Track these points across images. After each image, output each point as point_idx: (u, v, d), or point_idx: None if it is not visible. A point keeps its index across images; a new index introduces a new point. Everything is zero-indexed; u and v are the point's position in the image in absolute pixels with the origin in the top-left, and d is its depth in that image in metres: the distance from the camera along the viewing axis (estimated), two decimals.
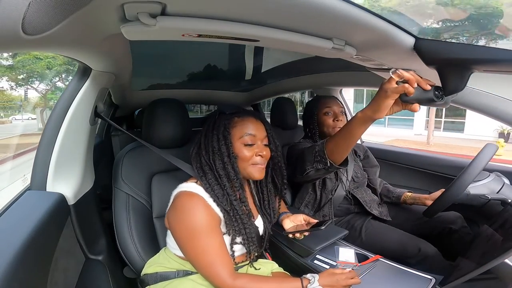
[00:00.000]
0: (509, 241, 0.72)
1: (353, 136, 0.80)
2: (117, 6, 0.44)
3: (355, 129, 0.78)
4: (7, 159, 4.26)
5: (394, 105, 0.70)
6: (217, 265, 0.70)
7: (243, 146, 0.78)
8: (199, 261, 0.71)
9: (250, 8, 0.48)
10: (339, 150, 0.87)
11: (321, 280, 0.73)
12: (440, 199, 0.97)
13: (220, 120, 0.79)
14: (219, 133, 0.77)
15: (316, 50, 0.70)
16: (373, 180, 1.36)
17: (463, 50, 0.63)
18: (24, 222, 0.57)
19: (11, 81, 6.26)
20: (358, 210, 1.25)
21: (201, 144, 0.80)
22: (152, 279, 0.80)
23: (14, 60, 5.98)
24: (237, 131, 0.78)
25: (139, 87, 1.69)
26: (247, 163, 0.78)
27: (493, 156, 0.90)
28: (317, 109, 1.28)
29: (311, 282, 0.72)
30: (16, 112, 9.14)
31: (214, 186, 0.75)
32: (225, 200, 0.75)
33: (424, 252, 0.99)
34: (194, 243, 0.70)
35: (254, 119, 0.81)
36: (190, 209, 0.71)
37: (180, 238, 0.73)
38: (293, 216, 0.96)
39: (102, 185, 1.09)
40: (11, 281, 0.45)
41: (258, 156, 0.79)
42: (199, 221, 0.70)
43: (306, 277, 0.74)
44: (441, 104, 0.68)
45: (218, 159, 0.76)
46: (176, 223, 0.73)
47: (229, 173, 0.76)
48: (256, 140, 0.79)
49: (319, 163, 0.94)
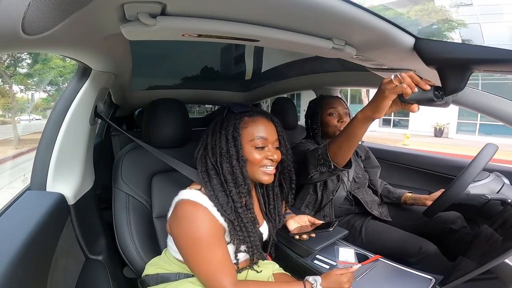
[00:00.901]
0: (509, 241, 0.72)
1: (355, 136, 0.80)
2: (117, 6, 0.44)
3: (356, 129, 0.78)
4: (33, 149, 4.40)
5: (393, 105, 0.70)
6: (220, 276, 0.67)
7: (254, 149, 0.73)
8: (202, 272, 0.68)
9: (250, 8, 0.48)
10: (342, 152, 0.87)
11: (323, 282, 0.72)
12: (440, 199, 0.97)
13: (229, 120, 0.74)
14: (228, 133, 0.72)
15: (316, 50, 0.70)
16: (374, 181, 1.36)
17: (463, 50, 0.64)
18: (24, 222, 0.57)
19: (23, 85, 6.93)
20: (358, 210, 1.25)
21: (208, 145, 0.75)
22: (152, 280, 0.80)
23: (31, 69, 6.58)
24: (248, 132, 0.73)
25: (139, 87, 1.69)
26: (257, 166, 0.74)
27: (493, 156, 0.90)
28: (321, 109, 1.27)
29: (314, 285, 0.71)
30: (18, 113, 9.48)
31: (219, 193, 0.70)
32: (230, 208, 0.70)
33: (425, 251, 0.99)
34: (197, 254, 0.67)
35: (266, 119, 0.76)
36: (194, 220, 0.67)
37: (183, 248, 0.70)
38: (297, 217, 0.94)
39: (102, 185, 1.09)
40: (11, 281, 0.45)
41: (269, 159, 0.74)
42: (203, 232, 0.67)
43: (308, 281, 0.73)
44: (441, 104, 0.68)
45: (225, 162, 0.71)
46: (179, 233, 0.69)
47: (237, 177, 0.71)
48: (268, 143, 0.74)
49: (323, 166, 0.94)
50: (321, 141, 1.27)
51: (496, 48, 0.59)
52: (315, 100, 1.36)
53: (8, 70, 6.41)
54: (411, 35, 0.66)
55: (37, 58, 6.21)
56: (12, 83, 6.68)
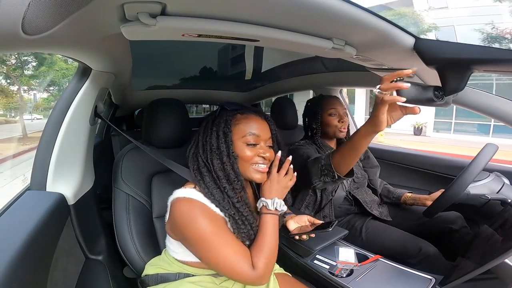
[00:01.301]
0: (509, 241, 0.72)
1: (358, 148, 0.82)
2: (117, 6, 0.44)
3: (360, 142, 0.80)
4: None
5: (394, 113, 0.70)
6: (238, 262, 0.66)
7: (245, 145, 0.72)
8: (220, 265, 0.67)
9: (250, 8, 0.48)
10: (345, 162, 0.89)
11: (265, 193, 0.75)
12: (440, 199, 0.97)
13: (221, 117, 0.74)
14: (219, 130, 0.72)
15: (316, 50, 0.70)
16: (373, 180, 1.36)
17: (463, 50, 0.63)
18: (24, 222, 0.57)
19: (26, 86, 7.51)
20: (358, 210, 1.25)
21: (199, 143, 0.75)
22: (152, 280, 0.80)
23: (36, 71, 7.12)
24: (239, 129, 0.73)
25: (139, 87, 1.69)
26: (248, 164, 0.73)
27: (493, 156, 0.90)
28: (322, 109, 1.26)
29: (266, 205, 0.74)
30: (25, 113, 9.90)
31: (213, 190, 0.70)
32: (227, 203, 0.70)
33: (424, 251, 0.99)
34: (208, 250, 0.66)
35: (259, 117, 0.75)
36: (193, 218, 0.67)
37: (192, 248, 0.69)
38: (297, 217, 0.94)
39: (102, 185, 1.09)
40: (11, 281, 0.45)
41: (261, 157, 0.74)
42: (206, 227, 0.66)
43: (262, 204, 0.76)
44: (441, 104, 0.68)
45: (216, 158, 0.71)
46: (183, 234, 0.68)
47: (229, 174, 0.71)
48: (260, 141, 0.74)
49: (327, 176, 0.95)
50: (320, 141, 1.27)
51: (496, 48, 0.59)
52: (315, 99, 1.35)
53: (14, 72, 6.71)
54: (411, 35, 0.66)
55: (43, 62, 6.46)
56: (20, 85, 7.06)
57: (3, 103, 7.34)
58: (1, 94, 7.07)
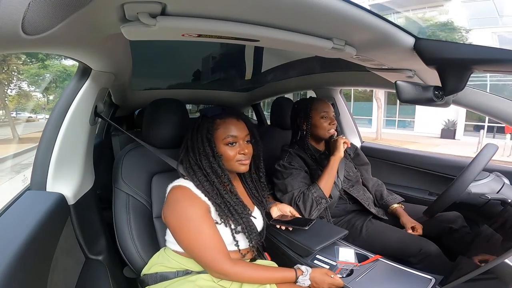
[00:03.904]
0: (509, 241, 0.72)
1: (334, 172, 1.14)
2: (117, 6, 0.44)
3: (335, 166, 1.14)
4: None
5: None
6: (212, 250, 0.74)
7: (226, 146, 0.84)
8: (195, 249, 0.75)
9: (250, 8, 0.48)
10: (328, 186, 1.12)
11: (312, 273, 0.78)
12: (440, 198, 0.97)
13: (203, 123, 0.85)
14: (203, 135, 0.83)
15: (316, 50, 0.70)
16: (364, 179, 1.37)
17: (463, 50, 0.63)
18: (24, 222, 0.57)
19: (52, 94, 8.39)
20: (355, 208, 1.26)
21: (188, 147, 0.86)
22: (152, 280, 0.80)
23: (61, 83, 8.07)
24: (220, 133, 0.84)
25: (139, 87, 1.69)
26: (232, 161, 0.84)
27: (493, 156, 0.90)
28: (313, 111, 1.25)
29: (304, 274, 0.78)
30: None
31: (204, 182, 0.81)
32: (215, 194, 0.81)
33: (425, 251, 0.99)
34: (187, 232, 0.75)
35: (235, 120, 0.86)
36: (179, 200, 0.78)
37: (174, 230, 0.78)
38: (281, 205, 1.05)
39: (102, 185, 1.09)
40: (11, 281, 0.45)
41: (241, 154, 0.85)
42: (189, 210, 0.76)
43: (300, 268, 0.80)
44: (441, 104, 0.68)
45: (204, 158, 0.82)
46: (169, 216, 0.78)
47: (216, 170, 0.82)
48: (238, 140, 0.85)
49: (321, 204, 1.09)
50: (309, 144, 1.26)
51: (496, 48, 0.59)
52: (305, 101, 1.30)
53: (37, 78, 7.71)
54: (411, 35, 0.66)
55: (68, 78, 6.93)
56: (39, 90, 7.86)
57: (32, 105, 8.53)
58: (24, 98, 8.42)
